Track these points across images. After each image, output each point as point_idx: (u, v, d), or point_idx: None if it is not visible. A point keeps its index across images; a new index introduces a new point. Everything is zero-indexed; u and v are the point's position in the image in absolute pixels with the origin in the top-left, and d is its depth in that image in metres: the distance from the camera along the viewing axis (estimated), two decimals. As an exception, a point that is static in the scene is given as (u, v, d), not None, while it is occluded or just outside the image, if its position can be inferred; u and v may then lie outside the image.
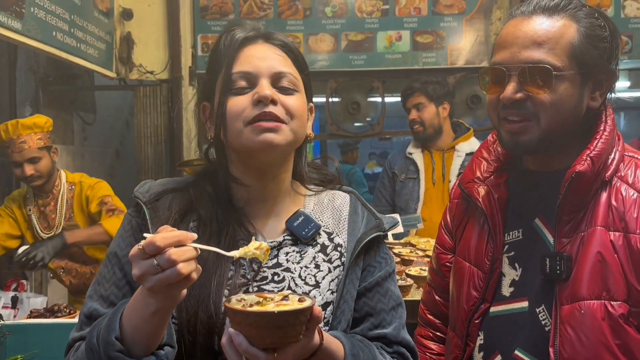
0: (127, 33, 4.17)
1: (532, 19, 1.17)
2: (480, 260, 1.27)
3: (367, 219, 1.14)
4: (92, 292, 1.09)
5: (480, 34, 4.22)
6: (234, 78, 1.05)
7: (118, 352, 0.91)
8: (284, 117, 1.04)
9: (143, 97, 4.26)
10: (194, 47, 4.28)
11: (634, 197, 1.13)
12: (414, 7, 4.22)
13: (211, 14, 4.28)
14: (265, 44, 1.09)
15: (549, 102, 1.14)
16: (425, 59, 4.22)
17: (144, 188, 1.13)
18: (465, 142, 3.20)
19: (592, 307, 1.10)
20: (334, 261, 1.09)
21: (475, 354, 1.25)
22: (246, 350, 0.84)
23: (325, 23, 4.22)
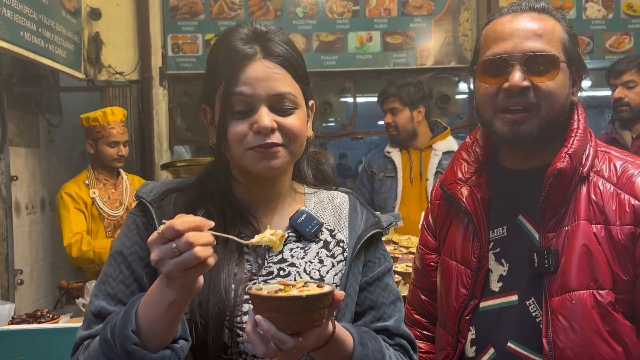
0: (95, 33, 4.10)
1: (526, 14, 1.23)
2: (467, 259, 1.31)
3: (367, 217, 1.18)
4: (98, 290, 1.09)
5: (449, 35, 4.30)
6: (232, 101, 1.06)
7: (135, 345, 0.92)
8: (284, 142, 1.06)
9: (112, 99, 4.20)
10: (164, 47, 4.24)
11: (611, 190, 1.19)
12: (383, 8, 4.27)
13: (181, 14, 4.25)
14: (263, 60, 1.06)
15: (551, 91, 1.19)
16: (395, 59, 4.28)
17: (147, 188, 1.14)
18: (442, 141, 3.27)
19: (582, 296, 1.15)
20: (337, 256, 1.12)
21: (467, 349, 1.29)
22: (274, 335, 0.86)
23: (297, 24, 4.23)
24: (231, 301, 1.03)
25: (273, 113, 1.05)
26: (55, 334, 1.83)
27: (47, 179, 4.50)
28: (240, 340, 1.03)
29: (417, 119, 3.23)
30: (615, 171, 1.21)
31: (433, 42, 4.29)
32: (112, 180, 3.30)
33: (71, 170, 5.09)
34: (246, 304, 1.04)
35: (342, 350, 0.98)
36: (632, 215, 1.16)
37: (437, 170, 3.19)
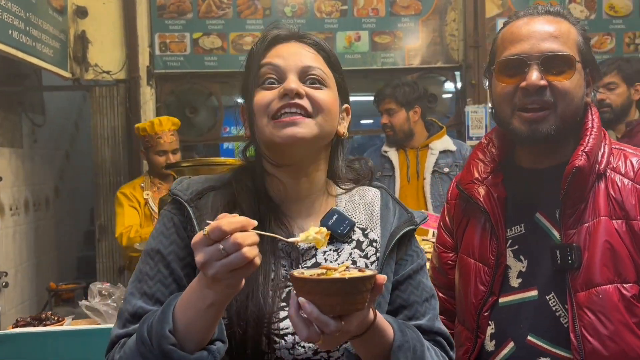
0: (81, 32, 4.05)
1: (542, 17, 1.27)
2: (485, 256, 1.33)
3: (399, 213, 1.16)
4: (134, 289, 1.06)
5: (436, 35, 4.35)
6: (262, 71, 1.06)
7: (172, 345, 0.91)
8: (310, 110, 1.04)
9: (99, 98, 4.15)
10: (151, 46, 4.21)
11: (629, 186, 1.23)
12: (371, 8, 4.30)
13: (169, 13, 4.22)
14: (297, 42, 1.10)
15: (567, 91, 1.22)
16: (383, 59, 4.32)
17: (183, 186, 1.12)
18: (438, 141, 3.31)
19: (608, 291, 1.18)
20: (370, 256, 1.11)
21: (486, 343, 1.31)
22: (317, 318, 0.85)
23: (285, 22, 4.21)
24: (269, 308, 1.02)
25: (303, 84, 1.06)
26: (60, 336, 1.81)
27: (31, 179, 4.43)
28: (278, 347, 1.03)
29: (413, 119, 3.26)
30: (632, 167, 1.25)
31: (420, 42, 4.34)
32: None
33: (55, 170, 5.02)
34: (282, 311, 1.03)
35: (383, 337, 0.98)
36: None
37: (434, 169, 3.23)
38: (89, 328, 1.89)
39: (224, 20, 4.24)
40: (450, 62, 4.37)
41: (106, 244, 4.15)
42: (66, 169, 5.24)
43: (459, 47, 4.36)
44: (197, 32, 4.23)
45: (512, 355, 1.27)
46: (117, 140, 4.17)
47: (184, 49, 4.23)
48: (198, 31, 4.23)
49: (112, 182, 4.14)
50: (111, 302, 2.02)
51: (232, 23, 4.25)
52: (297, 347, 1.03)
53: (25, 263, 4.31)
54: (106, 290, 2.08)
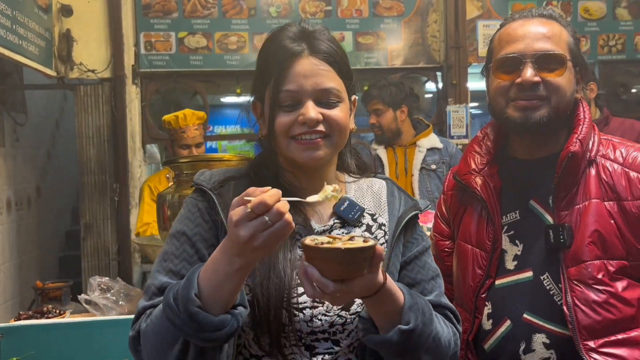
0: (66, 30, 4.04)
1: (536, 19, 1.38)
2: (482, 242, 1.42)
3: (405, 200, 1.25)
4: (160, 267, 1.14)
5: (418, 36, 4.44)
6: (281, 97, 1.12)
7: (197, 307, 0.97)
8: (328, 131, 1.12)
9: (84, 97, 4.14)
10: (136, 45, 4.22)
11: (619, 170, 1.34)
12: (355, 9, 4.38)
13: (154, 12, 4.23)
14: (310, 57, 1.13)
15: (559, 86, 1.33)
16: (367, 59, 4.40)
17: (205, 176, 1.19)
18: (425, 138, 3.41)
19: (595, 265, 1.29)
20: (379, 239, 1.20)
21: (484, 322, 1.40)
22: (318, 280, 0.95)
23: (270, 23, 4.28)
24: (288, 283, 1.10)
25: (319, 107, 1.12)
26: (62, 328, 1.84)
27: (12, 178, 4.40)
28: (297, 319, 1.11)
29: (400, 118, 3.35)
30: (620, 154, 1.36)
31: (403, 42, 4.43)
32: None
33: (37, 169, 4.98)
34: (300, 287, 1.11)
35: (393, 299, 1.06)
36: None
37: (422, 166, 3.32)
38: (91, 320, 1.92)
39: (209, 20, 4.27)
40: (431, 63, 4.47)
41: (91, 242, 4.15)
42: (48, 169, 5.21)
43: (440, 48, 4.46)
44: (183, 31, 4.26)
45: (509, 333, 1.36)
46: (102, 139, 4.17)
47: (170, 48, 4.25)
48: (183, 30, 4.26)
49: (97, 181, 4.14)
50: (110, 295, 2.05)
51: (217, 23, 4.28)
52: (314, 320, 1.11)
53: (8, 263, 4.27)
54: (105, 284, 2.11)
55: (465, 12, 4.39)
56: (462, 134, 4.36)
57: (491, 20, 4.40)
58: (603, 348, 1.27)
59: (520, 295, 1.36)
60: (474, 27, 4.44)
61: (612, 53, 4.53)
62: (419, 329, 1.06)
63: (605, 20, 4.53)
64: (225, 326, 0.99)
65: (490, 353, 1.39)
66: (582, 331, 1.28)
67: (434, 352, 1.11)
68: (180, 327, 0.98)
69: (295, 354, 1.11)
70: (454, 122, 4.39)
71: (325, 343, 1.13)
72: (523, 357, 1.34)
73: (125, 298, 2.13)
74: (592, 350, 1.27)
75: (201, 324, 0.97)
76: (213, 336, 0.99)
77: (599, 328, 1.27)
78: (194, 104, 4.42)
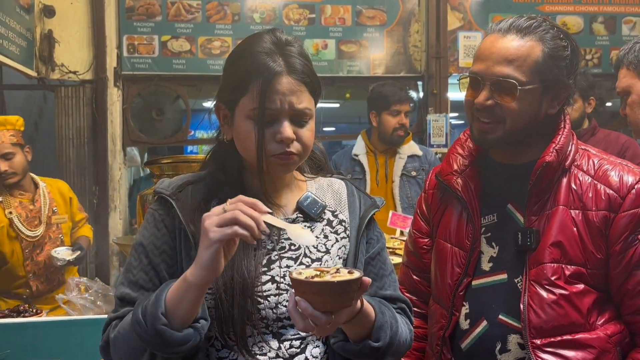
0: (48, 31, 4.02)
1: (507, 37, 1.37)
2: (461, 241, 1.45)
3: (364, 200, 1.33)
4: (123, 278, 1.21)
5: (400, 45, 4.51)
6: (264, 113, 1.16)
7: (163, 325, 1.04)
8: (300, 151, 1.18)
9: (64, 98, 4.12)
10: (119, 47, 4.21)
11: (589, 181, 1.37)
12: (338, 17, 4.43)
13: (137, 15, 4.23)
14: (288, 76, 1.16)
15: (513, 110, 1.35)
16: (349, 67, 4.44)
17: (164, 184, 1.25)
18: (405, 146, 3.45)
19: (553, 268, 1.33)
20: (340, 233, 1.27)
21: (461, 322, 1.43)
22: (311, 314, 1.00)
23: (254, 29, 4.30)
24: (252, 275, 1.15)
25: (292, 125, 1.17)
26: (38, 327, 1.83)
27: (-10, 179, 4.34)
28: (262, 307, 1.16)
29: None
30: (593, 166, 1.39)
31: (385, 51, 4.48)
32: (29, 195, 2.91)
33: (14, 171, 4.92)
34: (264, 275, 1.17)
35: (367, 320, 1.14)
36: (607, 202, 1.33)
37: (402, 173, 3.36)
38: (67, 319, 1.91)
39: (192, 24, 4.29)
40: (412, 72, 4.53)
41: (69, 245, 4.11)
42: (25, 170, 5.14)
43: (422, 58, 4.53)
44: (166, 35, 4.26)
45: (485, 333, 1.39)
46: (82, 141, 4.15)
47: (152, 51, 4.25)
48: (167, 34, 4.26)
49: (77, 183, 4.11)
50: (88, 295, 2.04)
51: (201, 27, 4.30)
52: (279, 306, 1.17)
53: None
54: (83, 284, 2.10)
55: (446, 23, 4.46)
56: (441, 142, 4.42)
57: (472, 32, 4.48)
58: (548, 347, 1.31)
59: (496, 297, 1.39)
60: (455, 38, 4.51)
61: (588, 67, 4.64)
62: (386, 344, 1.16)
63: (582, 35, 4.64)
64: (188, 341, 1.07)
65: (467, 352, 1.41)
66: (532, 330, 1.31)
67: (396, 353, 1.21)
68: (147, 341, 1.06)
69: (263, 343, 1.16)
70: (434, 131, 4.45)
71: (292, 329, 1.18)
72: (499, 357, 1.36)
73: (103, 298, 2.11)
74: (538, 347, 1.31)
75: (166, 340, 1.05)
76: (177, 350, 1.07)
77: (547, 328, 1.31)
78: (175, 107, 4.41)
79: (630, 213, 1.32)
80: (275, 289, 1.17)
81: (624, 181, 1.34)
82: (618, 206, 1.32)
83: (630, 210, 1.32)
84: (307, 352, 1.19)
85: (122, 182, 4.26)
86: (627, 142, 3.09)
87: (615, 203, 1.33)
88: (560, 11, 4.61)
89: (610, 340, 1.32)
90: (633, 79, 1.74)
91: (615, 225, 1.32)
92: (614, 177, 1.35)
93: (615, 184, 1.34)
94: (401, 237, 2.87)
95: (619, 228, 1.32)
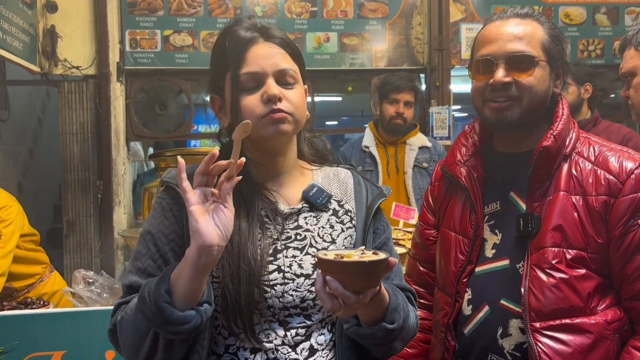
0: (51, 26, 4.03)
1: (510, 21, 1.42)
2: (465, 229, 1.47)
3: (370, 189, 1.34)
4: (131, 267, 1.22)
5: (402, 38, 4.50)
6: (243, 79, 1.18)
7: (165, 302, 1.06)
8: (290, 110, 1.18)
9: (68, 93, 4.13)
10: (121, 42, 4.22)
11: (589, 167, 1.39)
12: (340, 10, 4.42)
13: (140, 10, 4.24)
14: (265, 42, 1.20)
15: (530, 86, 1.37)
16: (351, 60, 4.44)
17: (171, 174, 1.25)
18: (414, 137, 3.48)
19: (553, 252, 1.34)
20: (345, 223, 1.28)
21: (464, 308, 1.44)
22: (342, 293, 1.01)
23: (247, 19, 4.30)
24: (259, 263, 1.16)
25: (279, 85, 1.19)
26: (47, 319, 1.84)
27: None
28: (268, 295, 1.17)
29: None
30: (593, 152, 1.41)
31: (387, 44, 4.48)
32: None
33: (18, 167, 4.95)
34: (270, 264, 1.18)
35: (383, 303, 1.16)
36: (607, 187, 1.35)
37: (414, 164, 3.37)
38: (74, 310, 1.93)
39: (195, 19, 4.29)
40: (415, 65, 4.53)
41: (74, 239, 4.13)
42: (29, 166, 5.17)
43: (424, 50, 4.52)
44: (168, 29, 4.27)
45: (487, 318, 1.41)
46: (85, 136, 4.16)
47: (155, 45, 4.26)
48: (169, 28, 4.27)
49: (81, 178, 4.13)
50: (94, 288, 2.06)
51: (203, 21, 4.30)
52: (286, 295, 1.18)
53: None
54: (90, 277, 2.12)
55: (448, 15, 4.45)
56: (444, 135, 4.42)
57: (474, 24, 4.47)
58: (547, 331, 1.32)
59: (497, 282, 1.40)
60: (458, 30, 4.50)
61: (591, 58, 4.63)
62: (399, 327, 1.17)
63: (585, 26, 4.63)
64: (189, 322, 1.07)
65: (469, 337, 1.43)
66: (532, 313, 1.33)
67: (405, 338, 1.24)
68: (150, 319, 1.07)
69: (269, 330, 1.17)
70: (437, 123, 4.45)
71: (298, 318, 1.19)
72: (500, 342, 1.38)
73: (109, 291, 2.13)
74: (537, 331, 1.32)
75: (167, 317, 1.05)
76: (177, 329, 1.07)
77: (546, 311, 1.32)
78: (178, 102, 4.42)
79: (630, 198, 1.33)
80: (282, 278, 1.18)
81: (624, 166, 1.36)
82: (618, 191, 1.34)
83: (629, 195, 1.33)
84: (312, 340, 1.21)
85: (126, 177, 4.28)
86: (629, 134, 3.11)
87: (615, 188, 1.34)
88: (563, 2, 4.60)
89: (609, 327, 1.33)
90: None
91: (614, 210, 1.34)
92: (614, 163, 1.37)
93: (615, 169, 1.36)
94: (404, 228, 2.88)
95: (619, 213, 1.33)
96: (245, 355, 1.17)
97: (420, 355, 1.59)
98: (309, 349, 1.20)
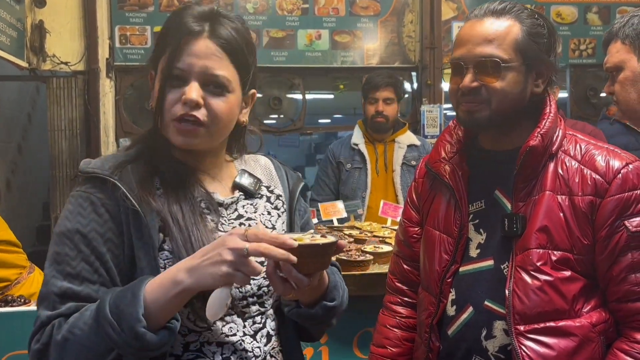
0: (39, 21, 3.98)
1: (484, 20, 1.37)
2: (449, 228, 1.45)
3: (290, 174, 1.37)
4: (54, 272, 1.07)
5: (394, 35, 4.49)
6: (173, 72, 1.10)
7: (144, 328, 0.97)
8: (206, 120, 1.10)
9: (56, 89, 4.09)
10: (111, 38, 4.18)
11: (575, 166, 1.36)
12: (332, 7, 4.40)
13: (129, 6, 4.20)
14: (207, 40, 1.11)
15: (498, 89, 1.34)
16: (343, 57, 4.42)
17: (96, 164, 1.14)
18: (403, 135, 3.47)
19: (538, 253, 1.32)
20: (279, 208, 1.30)
21: (448, 308, 1.42)
22: (295, 276, 1.02)
23: (247, 19, 4.25)
24: None
25: (204, 91, 1.10)
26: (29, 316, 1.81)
27: (-18, 171, 4.33)
28: None
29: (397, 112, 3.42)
30: (580, 150, 1.38)
31: (379, 42, 4.46)
32: None
33: (7, 163, 4.91)
34: None
35: (323, 282, 1.20)
36: (593, 187, 1.32)
37: (403, 162, 3.36)
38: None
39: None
40: (407, 63, 4.52)
41: (62, 236, 4.09)
42: (18, 163, 5.13)
43: (416, 48, 4.51)
44: (158, 25, 4.23)
45: (471, 319, 1.39)
46: (74, 132, 4.12)
47: (145, 42, 4.23)
48: (159, 24, 4.22)
49: (69, 174, 4.09)
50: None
51: (193, 18, 4.26)
52: None
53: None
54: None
55: (440, 13, 4.44)
56: (435, 133, 4.41)
57: (466, 22, 4.46)
58: (531, 334, 1.30)
59: (482, 283, 1.38)
60: (449, 28, 4.49)
61: (582, 57, 4.63)
62: (340, 304, 1.23)
63: (576, 25, 4.62)
64: (164, 344, 1.02)
65: (453, 338, 1.41)
66: (516, 316, 1.31)
67: (340, 314, 1.28)
68: (121, 345, 0.98)
69: (231, 323, 1.16)
70: (428, 121, 4.44)
71: (254, 307, 1.19)
72: (484, 343, 1.36)
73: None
74: (521, 334, 1.30)
75: (145, 344, 0.98)
76: (152, 353, 1.01)
77: (531, 314, 1.30)
78: (168, 99, 4.39)
79: (616, 198, 1.31)
80: None
81: (610, 166, 1.33)
82: (604, 191, 1.31)
83: (616, 195, 1.31)
84: (267, 326, 1.22)
85: (115, 174, 4.24)
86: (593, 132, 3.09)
87: (601, 188, 1.32)
88: (554, 1, 4.60)
89: (594, 330, 1.31)
90: (628, 53, 1.67)
91: (601, 211, 1.31)
92: (601, 162, 1.34)
93: (601, 168, 1.33)
94: (392, 226, 2.87)
95: (605, 213, 1.31)
96: (213, 350, 1.13)
97: (404, 354, 1.57)
98: (266, 335, 1.21)
